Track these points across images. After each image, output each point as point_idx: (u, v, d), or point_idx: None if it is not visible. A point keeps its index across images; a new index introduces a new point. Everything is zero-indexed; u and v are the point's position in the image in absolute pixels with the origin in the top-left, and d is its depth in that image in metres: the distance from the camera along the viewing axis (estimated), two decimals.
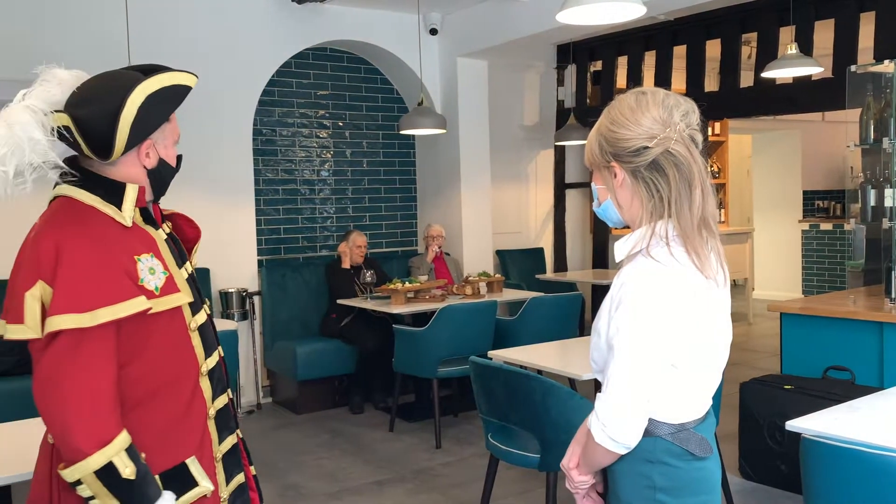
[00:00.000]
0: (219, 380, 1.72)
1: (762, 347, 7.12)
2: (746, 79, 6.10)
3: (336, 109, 6.46)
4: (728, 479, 3.47)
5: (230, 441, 1.74)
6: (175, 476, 1.57)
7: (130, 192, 1.59)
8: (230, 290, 5.55)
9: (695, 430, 1.52)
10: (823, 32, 5.51)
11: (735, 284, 9.47)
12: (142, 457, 1.50)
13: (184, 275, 1.67)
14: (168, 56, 5.02)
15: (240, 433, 1.80)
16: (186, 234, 1.82)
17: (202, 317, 1.69)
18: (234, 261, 5.70)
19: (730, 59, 6.07)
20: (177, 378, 1.61)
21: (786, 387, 3.54)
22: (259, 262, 5.93)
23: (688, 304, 1.45)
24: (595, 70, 7.44)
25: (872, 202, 4.13)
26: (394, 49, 6.37)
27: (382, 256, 6.46)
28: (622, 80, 7.09)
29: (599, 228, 7.52)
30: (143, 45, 4.94)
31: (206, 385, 1.67)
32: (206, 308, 1.74)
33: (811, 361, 3.73)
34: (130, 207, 1.58)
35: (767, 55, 5.65)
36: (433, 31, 6.45)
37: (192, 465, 1.60)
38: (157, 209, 1.72)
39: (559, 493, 3.03)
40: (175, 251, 1.69)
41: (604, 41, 7.00)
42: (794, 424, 2.04)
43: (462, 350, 4.72)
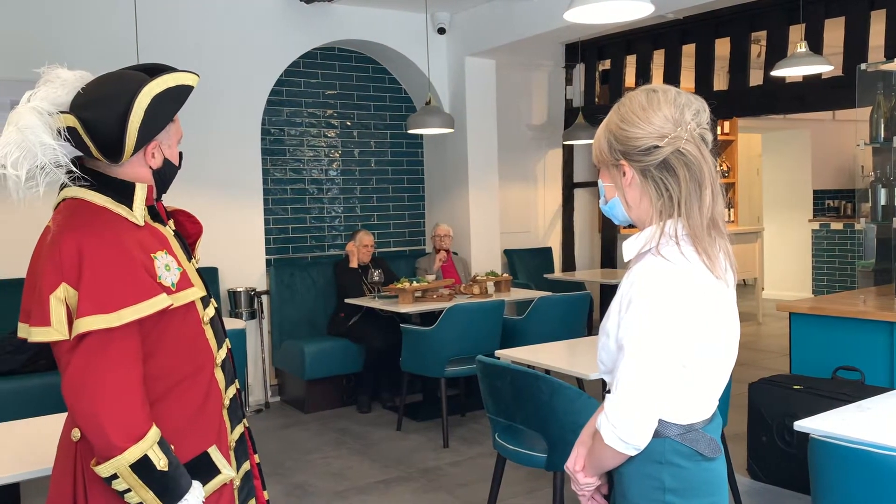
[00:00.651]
0: (229, 371, 1.77)
1: (771, 347, 7.08)
2: (756, 77, 6.07)
3: (344, 109, 6.47)
4: (736, 480, 3.45)
5: (239, 430, 1.79)
6: (199, 465, 1.62)
7: (140, 192, 1.61)
8: (238, 290, 5.56)
9: (703, 431, 1.51)
10: (834, 31, 5.48)
11: (744, 284, 9.43)
12: (172, 449, 1.54)
13: (193, 269, 1.71)
14: (176, 56, 5.07)
15: (246, 422, 1.85)
16: (188, 230, 1.85)
17: (211, 310, 1.74)
18: (243, 260, 5.71)
19: (739, 58, 6.05)
20: (195, 370, 1.66)
21: (795, 387, 3.52)
22: (267, 262, 5.95)
23: (698, 304, 1.44)
24: (604, 69, 7.43)
25: (883, 201, 4.11)
26: (402, 48, 6.37)
27: (390, 256, 6.47)
28: (631, 79, 7.07)
29: (608, 228, 7.50)
30: (152, 45, 4.97)
31: (220, 376, 1.72)
32: (214, 302, 1.79)
33: (821, 361, 3.70)
34: (141, 206, 1.61)
35: (777, 54, 5.62)
36: (441, 31, 6.45)
37: (214, 454, 1.65)
38: (162, 206, 1.75)
39: (566, 493, 3.02)
40: (181, 247, 1.72)
41: (612, 40, 6.98)
42: (803, 425, 2.03)
43: (469, 349, 4.72)
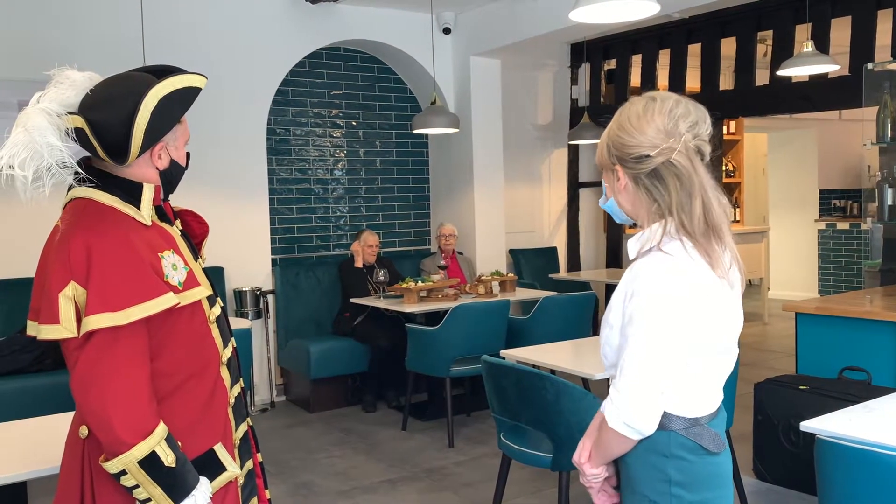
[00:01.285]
0: (234, 369, 1.78)
1: (777, 347, 7.06)
2: (762, 77, 6.06)
3: (349, 109, 6.47)
4: (742, 480, 3.45)
5: (243, 428, 1.81)
6: (205, 462, 1.63)
7: (147, 192, 1.63)
8: (244, 289, 5.57)
9: (708, 426, 1.54)
10: (840, 30, 5.46)
11: (750, 284, 9.41)
12: (179, 445, 1.55)
13: (200, 269, 1.73)
14: (182, 56, 5.08)
15: (250, 421, 1.86)
16: (194, 230, 1.86)
17: (218, 309, 1.75)
18: (248, 260, 5.73)
19: (745, 58, 6.03)
20: (202, 368, 1.67)
21: (801, 387, 3.51)
22: (273, 261, 5.96)
23: (698, 298, 1.47)
24: (609, 69, 7.42)
25: (889, 201, 4.10)
26: (407, 48, 6.37)
27: (395, 255, 6.47)
28: (636, 79, 7.06)
29: (613, 228, 7.49)
30: (158, 46, 4.98)
31: (226, 374, 1.74)
32: (220, 301, 1.80)
33: (827, 362, 3.69)
34: (148, 206, 1.63)
35: (783, 53, 5.61)
36: (446, 31, 6.45)
37: (220, 451, 1.67)
38: (169, 207, 1.76)
39: (572, 493, 3.02)
40: (188, 246, 1.74)
41: (618, 40, 6.98)
42: (809, 425, 2.02)
43: (475, 349, 4.72)
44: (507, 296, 5.43)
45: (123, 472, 1.49)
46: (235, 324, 4.49)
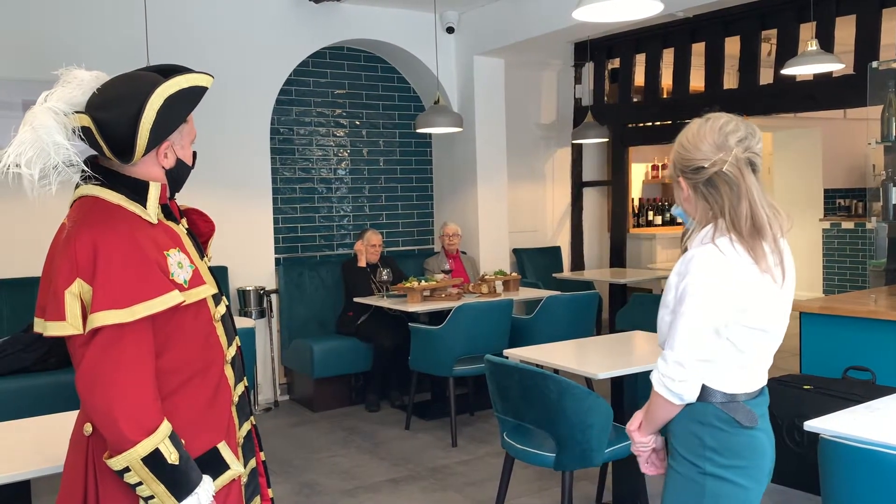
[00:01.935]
0: (238, 368, 1.79)
1: (782, 347, 7.02)
2: (766, 76, 6.04)
3: (353, 108, 6.47)
4: None
5: (247, 427, 1.81)
6: (209, 460, 1.64)
7: (154, 191, 1.64)
8: (248, 288, 5.58)
9: (744, 403, 1.76)
10: (844, 29, 5.45)
11: None
12: (183, 443, 1.55)
13: (206, 267, 1.73)
14: (186, 56, 5.08)
15: (253, 420, 1.86)
16: (200, 229, 1.87)
17: (223, 308, 1.76)
18: (252, 259, 5.73)
19: (749, 57, 6.02)
20: (206, 367, 1.68)
21: (805, 387, 3.50)
22: (276, 261, 5.96)
23: (739, 286, 1.69)
24: (613, 68, 7.41)
25: (894, 200, 4.08)
26: (410, 48, 6.37)
27: (399, 255, 6.47)
28: (640, 78, 7.05)
29: (617, 227, 7.48)
30: (162, 45, 4.99)
31: (230, 373, 1.74)
32: (226, 300, 1.81)
33: (831, 361, 3.68)
34: (155, 205, 1.64)
35: (787, 52, 5.59)
36: (450, 30, 6.44)
37: (224, 450, 1.67)
38: (175, 205, 1.77)
39: (575, 493, 3.02)
40: (194, 245, 1.75)
41: (621, 39, 6.96)
42: (813, 425, 2.02)
43: (478, 348, 4.72)
44: (511, 295, 5.43)
45: (127, 469, 1.49)
46: (239, 323, 4.50)
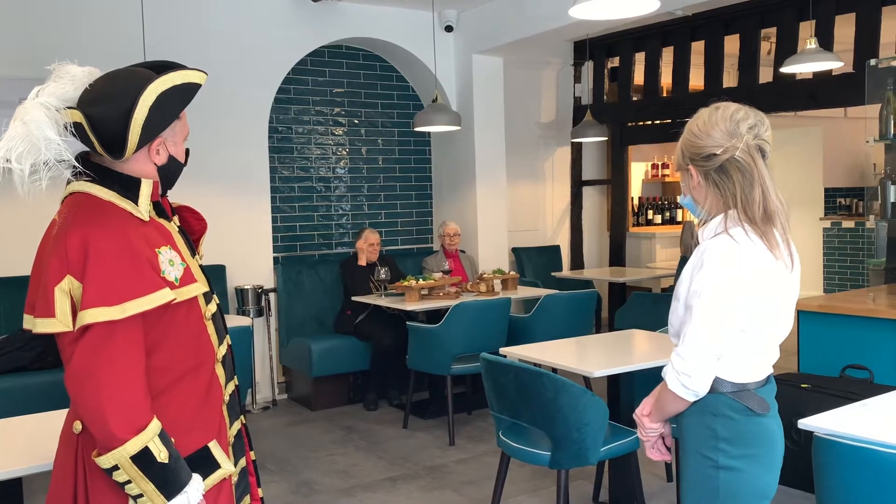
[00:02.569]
0: (229, 367, 1.78)
1: (780, 345, 7.03)
2: (765, 74, 6.03)
3: (351, 107, 6.47)
4: None
5: (237, 426, 1.80)
6: (199, 459, 1.63)
7: (145, 188, 1.63)
8: (246, 287, 5.57)
9: (755, 391, 1.76)
10: (844, 27, 5.43)
11: None
12: (172, 442, 1.55)
13: (197, 265, 1.73)
14: (184, 54, 5.07)
15: (244, 419, 1.86)
16: (192, 227, 1.86)
17: (213, 306, 1.75)
18: (250, 257, 5.73)
19: (749, 55, 6.01)
20: (197, 365, 1.67)
21: (802, 385, 3.49)
22: (275, 259, 5.96)
23: (756, 276, 1.69)
24: (612, 66, 7.40)
25: (893, 198, 4.07)
26: (409, 46, 6.36)
27: (398, 254, 6.47)
28: (640, 77, 7.04)
29: (616, 226, 7.47)
30: (159, 44, 4.99)
31: (221, 371, 1.74)
32: (216, 298, 1.80)
33: (829, 360, 3.67)
34: (146, 202, 1.62)
35: (787, 50, 5.58)
36: (448, 28, 6.44)
37: (215, 449, 1.67)
38: (167, 202, 1.76)
39: (571, 491, 3.01)
40: (185, 243, 1.74)
41: (621, 37, 6.95)
42: (807, 423, 2.01)
43: (476, 347, 4.71)
44: (509, 294, 5.42)
45: (116, 468, 1.49)
46: (237, 322, 4.50)
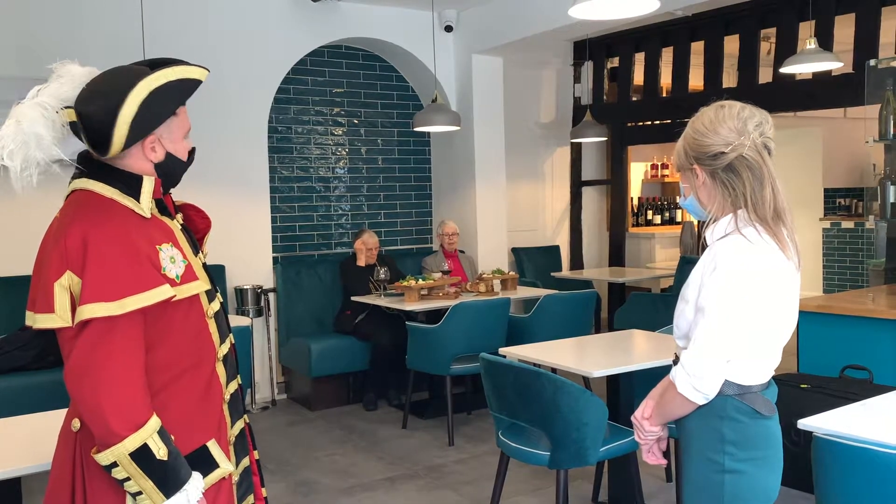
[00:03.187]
0: (231, 366, 1.78)
1: None
2: (765, 75, 6.03)
3: (351, 107, 6.47)
4: None
5: (239, 425, 1.80)
6: (198, 458, 1.62)
7: (147, 185, 1.63)
8: (245, 287, 5.57)
9: (760, 393, 1.74)
10: (844, 27, 5.43)
11: None
12: (172, 439, 1.54)
13: (199, 263, 1.72)
14: (184, 54, 5.03)
15: (247, 418, 1.85)
16: (197, 225, 1.86)
17: (216, 304, 1.75)
18: (250, 257, 5.72)
19: (748, 55, 6.00)
20: (197, 363, 1.67)
21: (802, 385, 3.49)
22: (274, 259, 5.95)
23: (770, 277, 1.67)
24: (612, 67, 7.40)
25: (892, 198, 4.07)
26: (409, 46, 6.36)
27: (397, 254, 6.46)
28: (639, 77, 7.04)
29: (616, 226, 7.47)
30: (159, 43, 4.98)
31: (222, 370, 1.73)
32: (220, 297, 1.79)
33: (828, 360, 3.67)
34: (148, 199, 1.62)
35: (786, 51, 5.57)
36: (448, 28, 6.43)
37: (213, 448, 1.66)
38: (170, 200, 1.76)
39: (570, 492, 3.01)
40: (189, 241, 1.74)
41: (621, 37, 6.95)
42: (807, 423, 2.01)
43: (475, 347, 4.70)
44: (509, 294, 5.42)
45: (115, 465, 1.48)
46: (235, 321, 4.49)
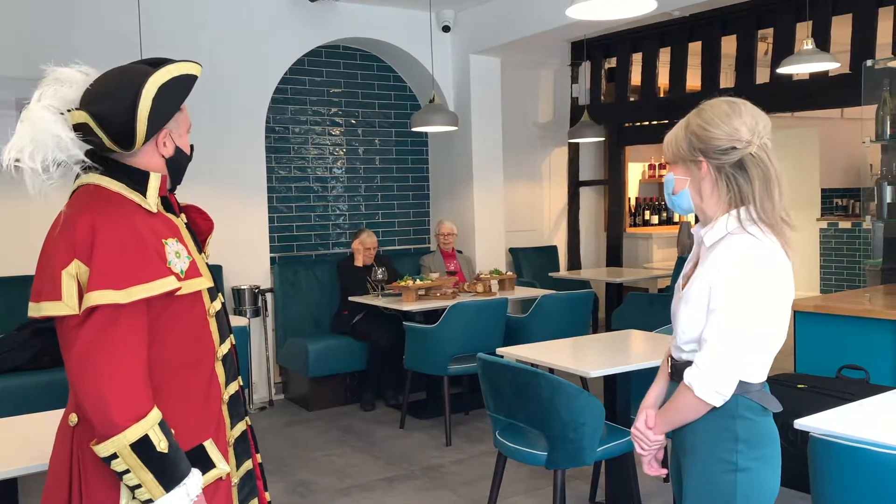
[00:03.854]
0: (231, 366, 1.78)
1: None
2: (762, 75, 6.04)
3: (349, 107, 6.47)
4: None
5: (240, 427, 1.79)
6: (193, 457, 1.62)
7: (154, 180, 1.65)
8: (243, 287, 5.57)
9: (764, 391, 1.74)
10: (841, 28, 5.44)
11: None
12: (172, 432, 1.54)
13: (203, 261, 1.73)
14: (181, 54, 5.04)
15: (248, 420, 1.85)
16: (200, 227, 1.87)
17: (218, 304, 1.75)
18: (247, 258, 5.72)
19: (746, 56, 6.02)
20: (196, 361, 1.67)
21: (799, 386, 3.49)
22: (272, 260, 5.95)
23: (779, 275, 1.68)
24: (609, 67, 7.41)
25: (889, 199, 4.07)
26: (406, 46, 6.36)
27: (395, 254, 6.46)
28: (637, 77, 7.05)
29: (613, 226, 7.48)
30: (156, 43, 4.97)
31: (221, 370, 1.73)
32: (222, 297, 1.80)
33: (825, 360, 3.68)
34: (155, 195, 1.65)
35: (783, 51, 5.59)
36: (446, 29, 6.44)
37: (210, 448, 1.66)
38: (175, 199, 1.77)
39: (567, 492, 3.01)
40: (192, 240, 1.75)
41: (618, 38, 6.96)
42: (803, 423, 2.02)
43: (472, 347, 4.70)
44: (506, 294, 5.42)
45: (115, 457, 1.47)
46: (233, 322, 4.48)
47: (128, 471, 1.49)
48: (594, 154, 7.95)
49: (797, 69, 4.96)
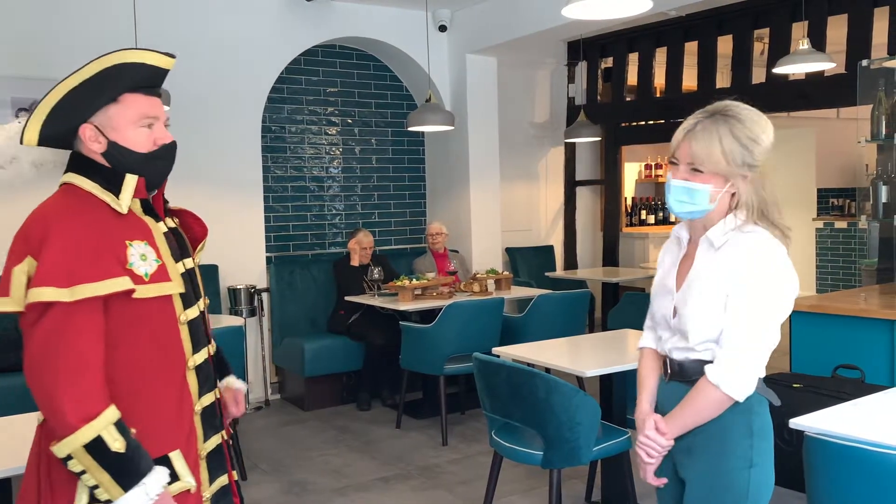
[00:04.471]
0: (206, 377, 1.72)
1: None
2: (758, 75, 6.04)
3: (345, 106, 6.46)
4: None
5: (215, 441, 1.74)
6: None
7: (129, 182, 1.61)
8: (238, 287, 5.56)
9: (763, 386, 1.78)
10: (837, 28, 5.45)
11: None
12: (132, 432, 1.50)
13: (180, 268, 1.67)
14: (177, 53, 5.05)
15: (225, 435, 1.79)
16: (195, 232, 1.83)
17: (194, 312, 1.69)
18: (243, 257, 5.71)
19: (742, 56, 6.02)
20: (164, 369, 1.62)
21: (794, 385, 3.49)
22: (268, 259, 5.94)
23: (793, 272, 1.73)
24: (606, 67, 7.41)
25: (884, 198, 4.08)
26: (403, 46, 6.35)
27: (391, 254, 6.46)
28: (633, 78, 7.05)
29: (610, 226, 7.48)
30: (151, 43, 4.93)
31: (193, 380, 1.68)
32: (201, 305, 1.74)
33: (821, 360, 3.68)
34: (128, 197, 1.60)
35: (780, 51, 5.59)
36: (442, 28, 6.43)
37: (177, 459, 1.61)
38: (160, 203, 1.72)
39: (563, 492, 3.01)
40: (175, 245, 1.69)
41: (615, 38, 6.96)
42: (798, 422, 2.02)
43: (469, 347, 4.69)
44: (503, 294, 5.42)
45: (70, 457, 1.45)
46: (229, 322, 4.46)
47: (85, 471, 1.46)
48: (590, 154, 7.95)
49: (793, 69, 4.96)
